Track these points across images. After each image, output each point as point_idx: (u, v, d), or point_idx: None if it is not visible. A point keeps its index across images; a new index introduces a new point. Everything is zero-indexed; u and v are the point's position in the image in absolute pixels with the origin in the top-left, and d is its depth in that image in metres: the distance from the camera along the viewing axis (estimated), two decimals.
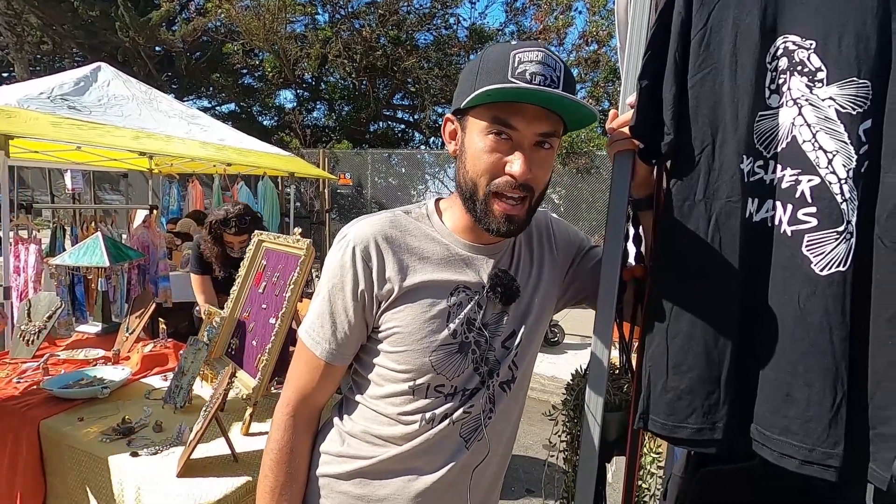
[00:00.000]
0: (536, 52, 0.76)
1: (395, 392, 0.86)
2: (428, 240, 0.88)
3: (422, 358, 0.84)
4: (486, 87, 0.74)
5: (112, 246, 2.75)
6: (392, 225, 0.87)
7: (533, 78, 0.75)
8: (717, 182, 0.82)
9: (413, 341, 0.84)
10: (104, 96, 4.03)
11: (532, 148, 0.79)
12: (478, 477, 0.91)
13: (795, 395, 0.77)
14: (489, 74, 0.77)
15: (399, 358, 0.85)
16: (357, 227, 0.87)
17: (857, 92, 0.76)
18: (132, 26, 10.33)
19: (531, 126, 0.78)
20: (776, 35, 0.80)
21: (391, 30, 10.91)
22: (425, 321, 0.84)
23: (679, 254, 0.84)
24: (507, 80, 0.75)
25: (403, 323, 0.84)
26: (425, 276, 0.84)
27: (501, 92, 0.74)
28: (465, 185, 0.83)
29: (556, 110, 0.79)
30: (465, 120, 0.83)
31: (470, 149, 0.81)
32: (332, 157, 9.40)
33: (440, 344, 0.84)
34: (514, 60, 0.76)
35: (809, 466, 0.76)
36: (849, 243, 0.76)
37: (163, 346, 2.40)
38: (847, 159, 0.76)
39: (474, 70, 0.80)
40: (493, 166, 0.79)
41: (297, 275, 1.80)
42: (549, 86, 0.75)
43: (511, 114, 0.77)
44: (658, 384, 0.85)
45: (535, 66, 0.75)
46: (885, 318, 0.75)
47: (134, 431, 1.70)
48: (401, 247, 0.85)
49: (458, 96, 0.83)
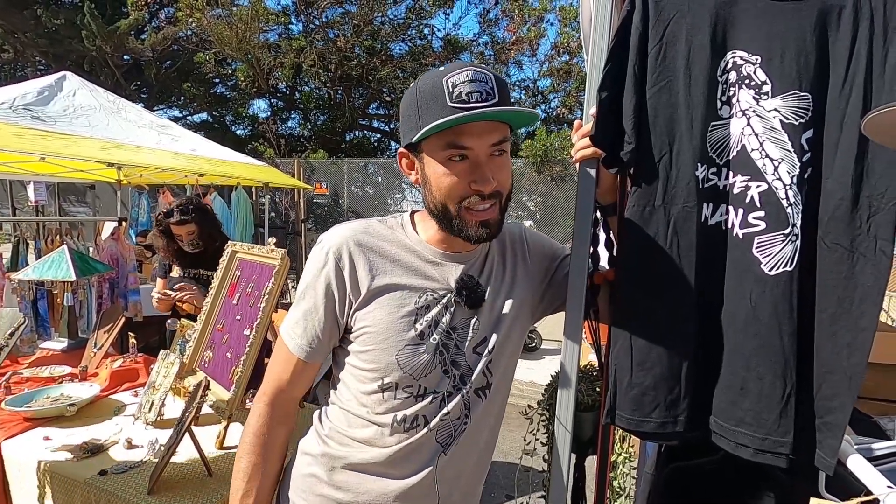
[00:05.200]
0: (465, 73, 0.80)
1: (366, 391, 0.89)
2: (400, 246, 0.92)
3: (388, 356, 0.87)
4: (434, 122, 0.79)
5: (79, 259, 2.67)
6: (366, 231, 0.92)
7: (470, 97, 0.79)
8: (675, 188, 0.86)
9: (381, 340, 0.87)
10: (70, 106, 3.93)
11: (489, 159, 0.84)
12: (454, 482, 0.93)
13: (749, 388, 0.82)
14: (430, 106, 0.81)
15: (367, 357, 0.88)
16: (333, 232, 0.92)
17: (799, 104, 0.82)
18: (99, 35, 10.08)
19: (483, 141, 0.82)
20: (726, 50, 0.86)
21: (366, 39, 10.93)
22: (394, 321, 0.87)
23: (640, 257, 0.89)
24: (447, 108, 0.80)
25: (373, 322, 0.88)
26: (395, 279, 0.89)
27: (449, 122, 0.78)
28: (436, 209, 0.88)
29: (502, 120, 0.84)
30: (419, 152, 0.87)
31: (432, 177, 0.86)
32: (307, 167, 9.33)
33: (407, 343, 0.87)
34: (448, 86, 0.80)
35: (763, 454, 0.81)
36: (794, 245, 0.81)
37: (133, 362, 2.34)
38: (791, 166, 0.82)
39: (413, 104, 0.85)
40: (459, 187, 0.84)
41: (271, 285, 1.79)
42: (487, 99, 0.80)
43: (461, 136, 0.82)
44: (624, 381, 0.88)
45: (467, 85, 0.79)
46: (829, 314, 0.80)
47: (103, 449, 1.66)
48: (373, 251, 0.90)
49: (405, 132, 0.87)
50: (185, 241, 2.51)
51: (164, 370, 1.94)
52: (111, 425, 1.82)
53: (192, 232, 2.49)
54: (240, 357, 1.76)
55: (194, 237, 2.49)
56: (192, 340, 2.06)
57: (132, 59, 11.57)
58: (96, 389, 2.02)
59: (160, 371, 1.94)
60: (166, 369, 1.94)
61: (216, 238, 2.53)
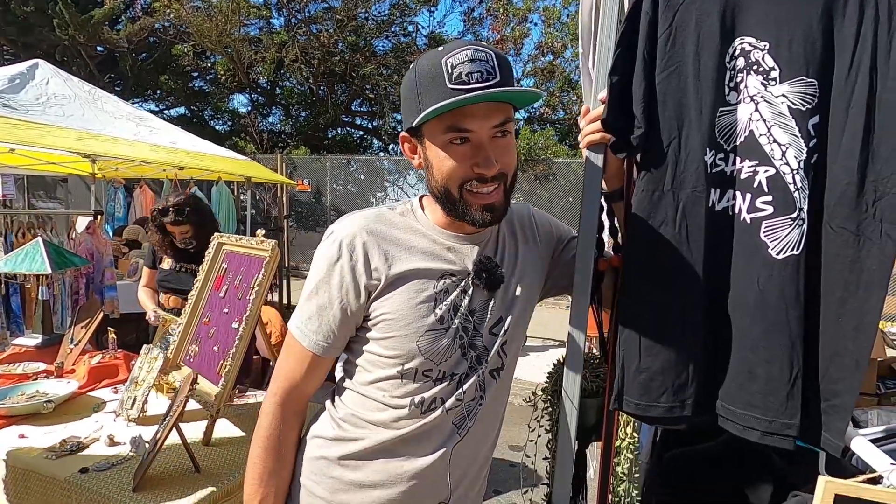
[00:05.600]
0: (465, 52, 0.78)
1: (385, 377, 0.88)
2: (412, 232, 0.90)
3: (410, 343, 0.85)
4: (434, 105, 0.76)
5: (54, 252, 2.58)
6: (377, 220, 0.89)
7: (470, 77, 0.77)
8: (684, 173, 0.87)
9: (401, 327, 0.86)
10: (42, 94, 3.78)
11: (492, 141, 0.82)
12: (469, 462, 0.93)
13: (757, 372, 0.83)
14: (429, 88, 0.79)
15: (388, 344, 0.87)
16: (343, 223, 0.89)
17: (806, 90, 0.83)
18: (72, 24, 9.74)
19: (485, 123, 0.80)
20: (734, 36, 0.86)
21: (349, 35, 10.82)
22: (413, 307, 0.86)
23: (649, 242, 0.88)
24: (447, 91, 0.77)
25: (392, 310, 0.86)
26: (411, 265, 0.87)
27: (450, 105, 0.76)
28: (439, 193, 0.86)
29: (504, 101, 0.82)
30: (420, 136, 0.85)
31: (434, 160, 0.84)
32: (289, 163, 9.20)
33: (427, 329, 0.86)
34: (447, 67, 0.78)
35: (770, 437, 0.81)
36: (801, 229, 0.82)
37: (112, 358, 2.27)
38: (798, 151, 0.82)
39: (413, 87, 0.83)
40: (461, 171, 0.82)
41: (261, 277, 1.75)
42: (488, 79, 0.78)
43: (463, 118, 0.79)
44: (632, 367, 0.88)
45: (467, 65, 0.77)
46: (835, 297, 0.81)
47: (84, 447, 1.59)
48: (386, 239, 0.88)
49: (406, 116, 0.86)
50: (179, 239, 2.49)
51: (146, 365, 1.88)
52: (91, 423, 1.76)
53: (186, 232, 2.48)
54: (228, 351, 1.71)
55: (188, 237, 2.48)
56: (177, 335, 2.00)
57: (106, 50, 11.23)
58: (74, 386, 1.95)
59: (143, 366, 1.88)
60: (149, 364, 1.87)
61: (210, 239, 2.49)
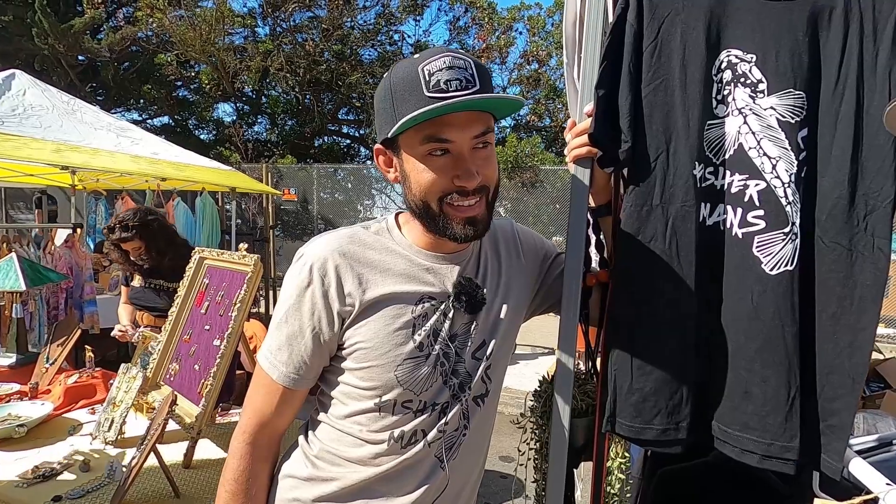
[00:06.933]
0: (443, 59, 0.74)
1: (361, 410, 0.83)
2: (389, 253, 0.85)
3: (387, 373, 0.80)
4: (410, 113, 0.72)
5: (29, 268, 2.49)
6: (350, 241, 0.84)
7: (448, 85, 0.73)
8: (673, 187, 0.85)
9: (377, 356, 0.80)
10: (19, 106, 3.69)
11: (472, 152, 0.78)
12: (454, 496, 0.88)
13: (753, 391, 0.80)
14: (405, 97, 0.75)
15: (364, 374, 0.81)
16: (314, 245, 0.83)
17: (794, 102, 0.82)
18: (51, 33, 9.59)
19: (465, 133, 0.76)
20: (720, 48, 0.85)
21: (335, 44, 10.80)
22: (389, 334, 0.80)
23: (639, 258, 0.86)
24: (424, 98, 0.73)
25: (367, 338, 0.80)
26: (387, 289, 0.82)
27: (427, 113, 0.72)
28: (417, 208, 0.81)
29: (485, 109, 0.78)
30: (396, 148, 0.80)
31: (412, 173, 0.79)
32: (275, 173, 9.11)
33: (406, 357, 0.81)
34: (424, 74, 0.74)
35: (769, 461, 0.79)
36: (794, 243, 0.80)
37: (90, 377, 2.19)
38: (789, 164, 0.81)
39: (387, 96, 0.78)
40: (441, 183, 0.78)
41: (243, 293, 1.70)
42: (467, 87, 0.74)
43: (442, 128, 0.75)
44: (624, 387, 0.85)
45: (445, 73, 0.73)
46: (829, 313, 0.80)
47: (56, 473, 1.52)
48: (360, 261, 0.82)
49: (380, 126, 0.81)
50: (133, 255, 2.41)
51: (125, 385, 1.81)
52: (65, 447, 1.68)
53: (137, 248, 2.39)
54: (209, 369, 1.66)
55: (140, 252, 2.39)
56: (157, 352, 1.94)
57: (88, 59, 11.08)
58: (49, 408, 1.87)
59: (121, 386, 1.81)
60: (128, 384, 1.81)
61: (166, 253, 2.40)
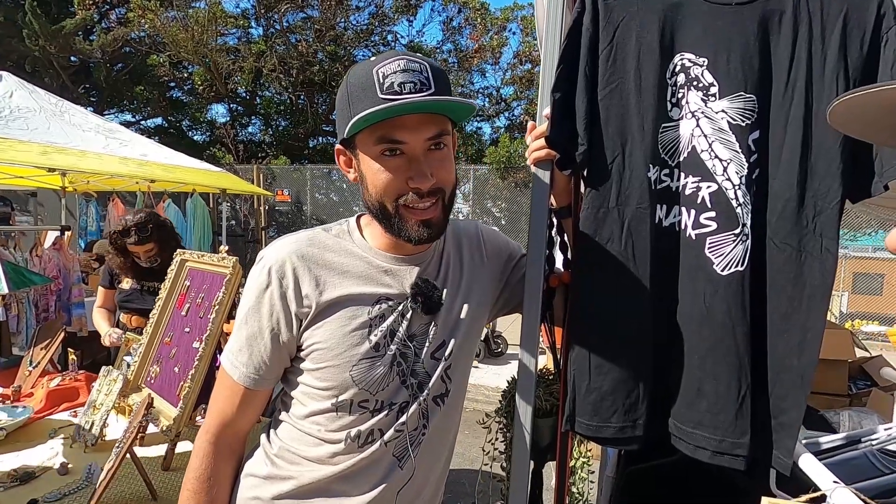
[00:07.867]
0: (397, 62, 0.75)
1: (319, 410, 0.84)
2: (347, 255, 0.86)
3: (343, 373, 0.81)
4: (362, 112, 0.73)
5: (12, 271, 2.49)
6: (310, 243, 0.85)
7: (402, 88, 0.74)
8: (628, 190, 0.86)
9: (333, 356, 0.82)
10: (5, 108, 3.69)
11: (426, 154, 0.79)
12: (413, 496, 0.89)
13: (705, 389, 0.82)
14: (360, 98, 0.76)
15: (321, 375, 0.83)
16: (273, 247, 0.85)
17: (745, 105, 0.83)
18: (42, 34, 9.55)
19: (418, 135, 0.77)
20: (674, 52, 0.86)
21: (328, 45, 10.80)
22: (345, 335, 0.82)
23: (596, 259, 0.87)
24: (377, 99, 0.74)
25: (324, 339, 0.82)
26: (344, 291, 0.83)
27: (378, 114, 0.73)
28: (374, 208, 0.82)
29: (436, 112, 0.79)
30: (354, 148, 0.82)
31: (368, 173, 0.81)
32: (268, 173, 9.11)
33: (361, 357, 0.82)
34: (379, 77, 0.75)
35: (720, 457, 0.80)
36: (745, 244, 0.82)
37: (73, 380, 2.18)
38: (740, 167, 0.82)
39: (344, 97, 0.80)
40: (395, 185, 0.79)
41: (222, 295, 1.70)
42: (421, 90, 0.75)
43: (395, 129, 0.76)
44: (582, 386, 0.87)
45: (399, 75, 0.74)
46: (780, 313, 0.81)
47: (34, 476, 1.52)
48: (318, 263, 0.84)
49: (339, 126, 0.82)
50: (143, 258, 2.40)
51: (105, 388, 1.81)
52: (45, 450, 1.68)
53: (150, 250, 2.38)
54: (188, 371, 1.66)
55: (153, 254, 2.38)
56: (138, 355, 1.94)
57: (80, 60, 11.04)
58: (29, 412, 1.87)
59: (101, 389, 1.81)
60: (108, 387, 1.81)
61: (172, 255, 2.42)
